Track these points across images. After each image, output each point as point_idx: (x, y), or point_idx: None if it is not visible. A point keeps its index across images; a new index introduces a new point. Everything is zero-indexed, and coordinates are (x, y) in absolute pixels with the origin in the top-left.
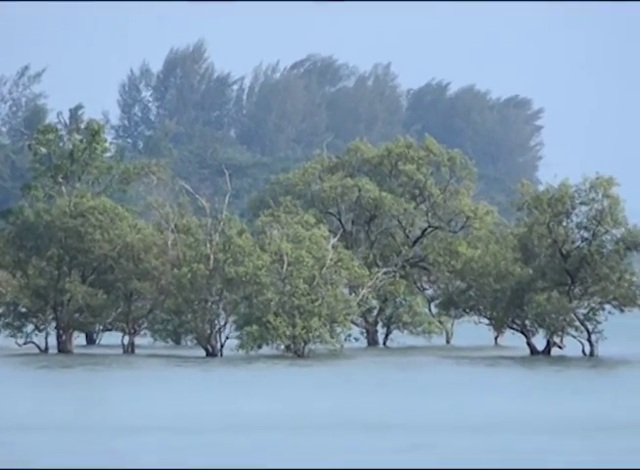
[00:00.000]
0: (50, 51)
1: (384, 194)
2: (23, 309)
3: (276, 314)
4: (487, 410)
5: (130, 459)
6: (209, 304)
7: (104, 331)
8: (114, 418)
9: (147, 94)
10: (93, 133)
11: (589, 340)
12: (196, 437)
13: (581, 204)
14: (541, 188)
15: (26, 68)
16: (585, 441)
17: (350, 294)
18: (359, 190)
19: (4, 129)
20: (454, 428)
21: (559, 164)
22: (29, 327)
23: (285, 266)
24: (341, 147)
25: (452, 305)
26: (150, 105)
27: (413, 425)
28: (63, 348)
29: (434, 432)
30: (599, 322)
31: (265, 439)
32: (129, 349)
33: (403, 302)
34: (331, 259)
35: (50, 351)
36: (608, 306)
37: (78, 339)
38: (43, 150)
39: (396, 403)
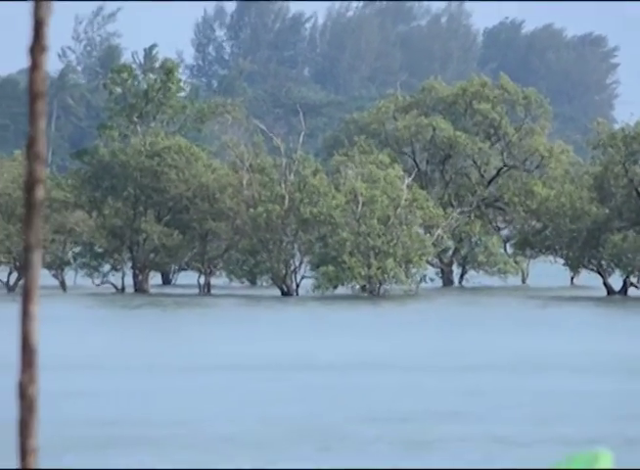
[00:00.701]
0: None
1: (458, 133)
2: (100, 249)
3: (351, 254)
4: (564, 350)
5: (198, 398)
6: (285, 244)
7: (179, 271)
8: (188, 358)
9: (221, 33)
10: (167, 72)
11: None
12: (269, 375)
13: None
14: (617, 127)
15: (101, 7)
16: None
17: (425, 234)
18: (434, 129)
19: (79, 68)
20: (533, 368)
21: (635, 103)
22: (106, 267)
23: (359, 206)
24: (415, 86)
25: (528, 244)
26: (224, 44)
27: (488, 365)
28: (139, 287)
29: (506, 372)
30: None
31: (339, 379)
32: (205, 289)
33: (479, 242)
34: (405, 199)
35: (126, 290)
36: None
37: (154, 278)
38: (118, 89)
39: (472, 343)
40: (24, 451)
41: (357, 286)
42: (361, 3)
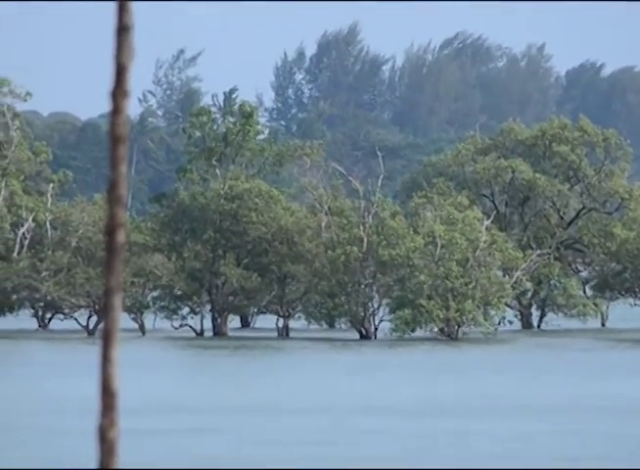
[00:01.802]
0: (205, 34)
1: (537, 175)
2: (179, 292)
3: (429, 297)
4: None
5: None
6: (363, 286)
7: (258, 314)
8: (260, 400)
9: (300, 77)
10: (246, 115)
11: None
12: (348, 420)
13: None
14: None
15: (182, 51)
16: None
17: (504, 276)
18: (513, 171)
19: (159, 112)
20: (614, 411)
21: None
22: (185, 310)
23: (438, 249)
24: (494, 128)
25: (607, 286)
26: (303, 87)
27: (572, 407)
28: (218, 330)
29: (591, 414)
30: None
31: (422, 423)
32: (283, 331)
33: (557, 284)
34: (484, 242)
35: (205, 333)
36: None
37: (233, 322)
38: (197, 133)
39: (554, 386)
40: None
41: (435, 329)
42: (438, 45)
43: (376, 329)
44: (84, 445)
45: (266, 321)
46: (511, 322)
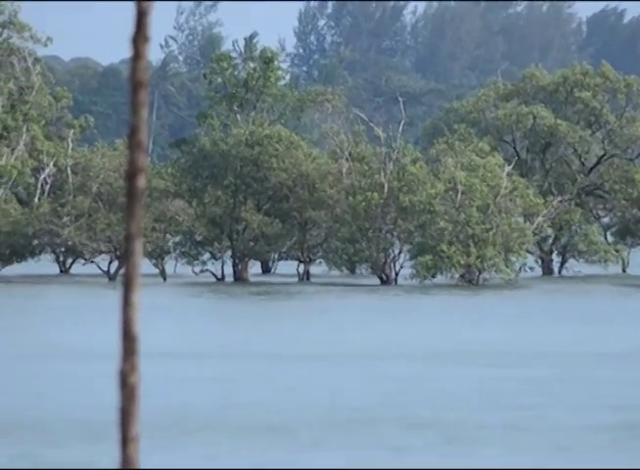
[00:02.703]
0: None
1: (559, 121)
2: (200, 238)
3: (450, 243)
4: None
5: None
6: (384, 232)
7: (279, 260)
8: (281, 346)
9: (323, 22)
10: (267, 61)
11: None
12: (364, 365)
13: None
14: None
15: None
16: None
17: (525, 222)
18: (534, 118)
19: (181, 58)
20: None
21: None
22: (206, 255)
23: (459, 195)
24: (515, 74)
25: (628, 233)
26: (325, 33)
27: (591, 354)
28: (239, 276)
29: (608, 361)
30: None
31: (435, 368)
32: (304, 277)
33: (579, 230)
34: (505, 188)
35: (226, 279)
36: None
37: (254, 267)
38: (218, 79)
39: (573, 333)
40: (126, 439)
41: (456, 275)
42: None
43: (396, 275)
44: (106, 390)
45: (287, 267)
46: (532, 268)
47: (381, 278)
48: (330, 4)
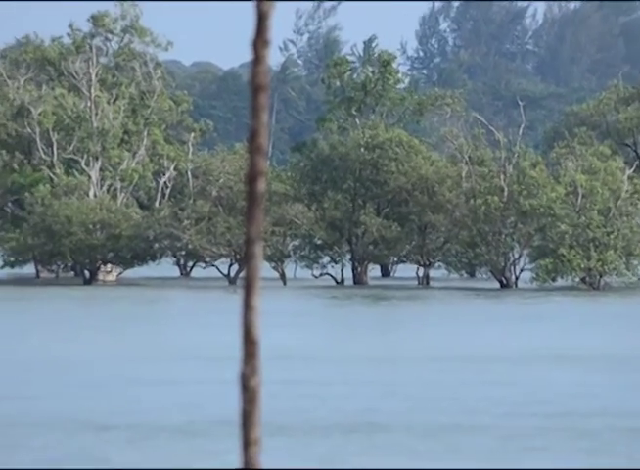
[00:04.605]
0: None
1: None
2: (319, 241)
3: (570, 247)
4: None
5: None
6: (503, 236)
7: (398, 263)
8: (398, 349)
9: (445, 25)
10: (384, 64)
11: None
12: (482, 368)
13: None
14: None
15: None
16: None
17: None
18: None
19: (300, 61)
20: None
21: None
22: (325, 259)
23: (579, 198)
24: (636, 77)
25: None
26: (446, 36)
27: None
28: (358, 279)
29: None
30: None
31: (554, 372)
32: (424, 281)
33: None
34: (626, 191)
35: (345, 282)
36: None
37: (373, 271)
38: (336, 82)
39: None
40: (247, 442)
41: (577, 278)
42: None
43: (516, 278)
44: (227, 393)
45: (406, 270)
46: None
47: (501, 282)
48: (454, 6)
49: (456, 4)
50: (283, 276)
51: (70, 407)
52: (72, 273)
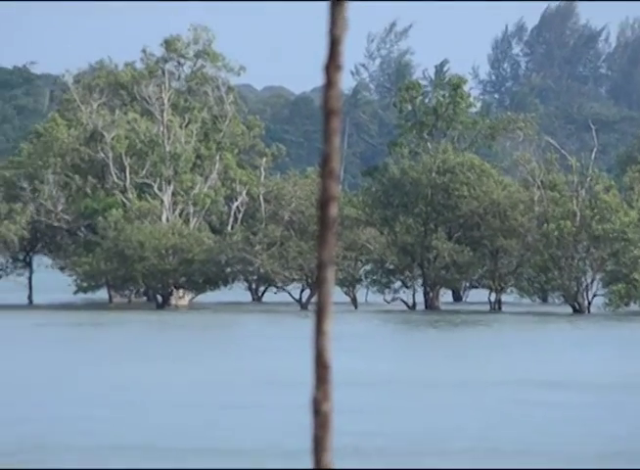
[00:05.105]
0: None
1: None
2: (391, 266)
3: None
4: None
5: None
6: (576, 260)
7: (470, 288)
8: (467, 374)
9: (518, 49)
10: (455, 88)
11: None
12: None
13: None
14: None
15: (394, 24)
16: None
17: None
18: None
19: (372, 86)
20: None
21: None
22: (397, 283)
23: None
24: None
25: None
26: (519, 60)
27: None
28: (430, 304)
29: None
30: None
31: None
32: (496, 305)
33: None
34: None
35: (417, 307)
36: None
37: (445, 295)
38: (408, 106)
39: None
40: (319, 466)
41: None
42: None
43: (589, 303)
44: (299, 418)
45: (478, 295)
46: None
47: (573, 307)
48: (528, 30)
49: (531, 27)
50: (354, 301)
51: (150, 432)
52: (145, 298)
